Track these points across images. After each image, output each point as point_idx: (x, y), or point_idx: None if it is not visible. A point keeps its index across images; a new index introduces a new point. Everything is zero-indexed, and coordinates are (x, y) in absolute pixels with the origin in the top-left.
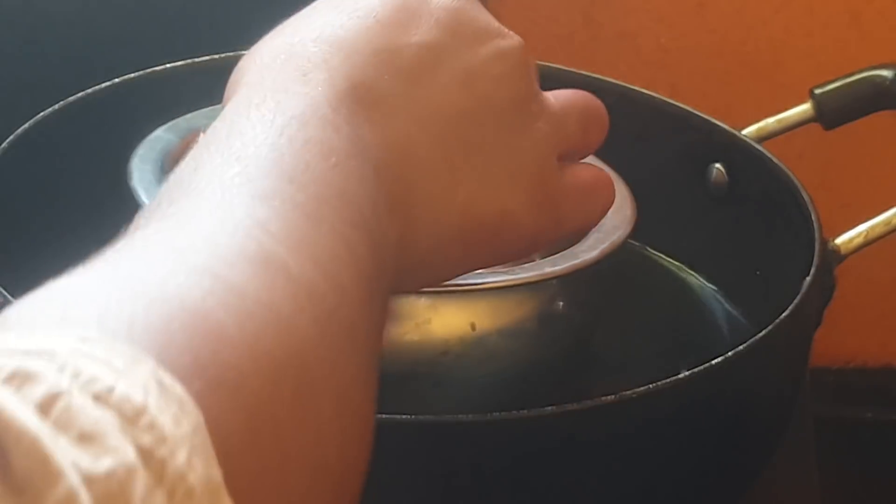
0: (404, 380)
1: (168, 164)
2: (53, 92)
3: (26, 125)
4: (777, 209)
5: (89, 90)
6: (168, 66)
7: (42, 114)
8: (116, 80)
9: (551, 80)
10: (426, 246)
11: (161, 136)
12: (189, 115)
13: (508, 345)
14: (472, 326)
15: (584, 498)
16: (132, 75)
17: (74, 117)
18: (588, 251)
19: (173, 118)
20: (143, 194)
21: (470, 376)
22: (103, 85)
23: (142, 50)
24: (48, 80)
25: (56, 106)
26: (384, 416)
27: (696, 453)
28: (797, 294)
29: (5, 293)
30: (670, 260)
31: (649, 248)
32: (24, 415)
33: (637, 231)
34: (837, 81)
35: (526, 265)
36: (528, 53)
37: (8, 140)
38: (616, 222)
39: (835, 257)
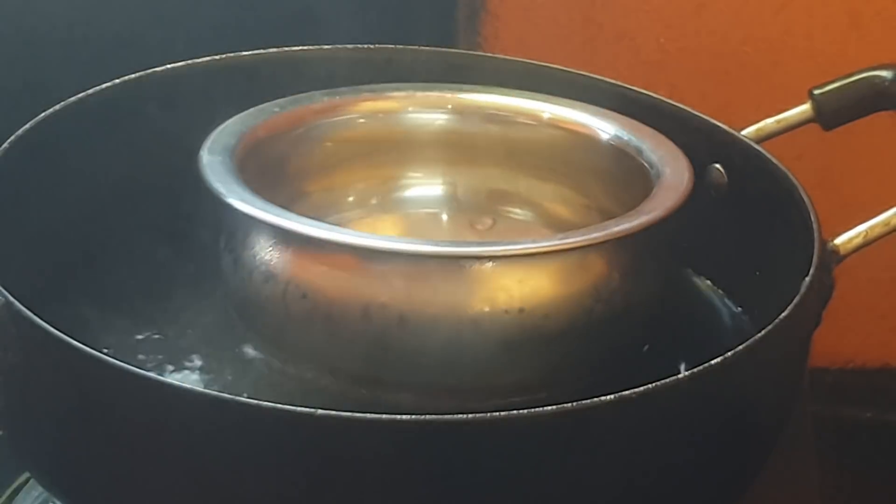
0: (566, 333)
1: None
2: (53, 92)
3: (26, 126)
4: (776, 209)
5: (89, 90)
6: (168, 66)
7: (42, 114)
8: (116, 80)
9: (551, 80)
10: None
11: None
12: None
13: (640, 283)
14: (612, 274)
15: (584, 498)
16: (132, 75)
17: (74, 117)
18: (676, 187)
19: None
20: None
21: (617, 316)
22: (103, 85)
23: (142, 50)
24: (48, 80)
25: (56, 106)
26: (384, 416)
27: (696, 453)
28: (796, 294)
29: (5, 293)
30: None
31: None
32: None
33: None
34: (837, 82)
35: (622, 219)
36: None
37: (8, 140)
38: (672, 153)
39: (834, 257)
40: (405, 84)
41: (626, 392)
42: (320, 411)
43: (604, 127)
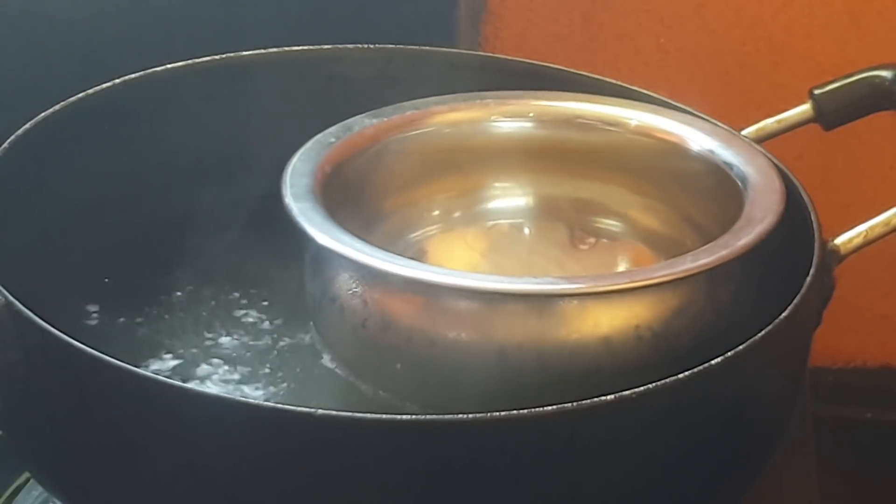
0: (695, 350)
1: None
2: (53, 92)
3: (26, 125)
4: None
5: (89, 90)
6: (168, 66)
7: (42, 114)
8: (116, 80)
9: (551, 80)
10: None
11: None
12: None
13: (750, 289)
14: (730, 287)
15: (584, 498)
16: (132, 75)
17: (74, 117)
18: (772, 190)
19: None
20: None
21: (734, 325)
22: (103, 85)
23: (142, 50)
24: (48, 80)
25: (56, 106)
26: (384, 416)
27: (696, 453)
28: (797, 294)
29: (5, 293)
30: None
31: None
32: None
33: None
34: (837, 82)
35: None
36: None
37: (8, 140)
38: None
39: (834, 257)
40: (485, 93)
41: (626, 392)
42: (320, 411)
43: (690, 134)
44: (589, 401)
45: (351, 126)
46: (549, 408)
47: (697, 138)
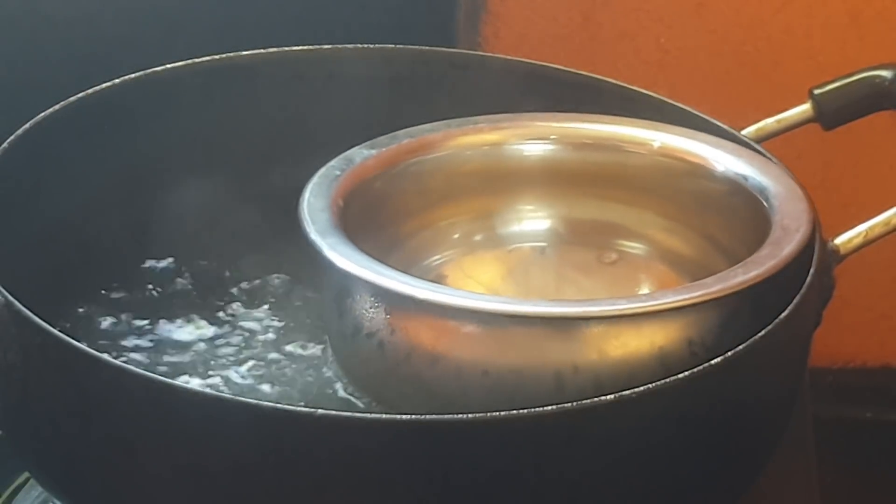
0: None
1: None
2: (53, 92)
3: (26, 125)
4: None
5: (89, 90)
6: (168, 66)
7: (42, 114)
8: (116, 80)
9: (551, 80)
10: None
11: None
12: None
13: (782, 297)
14: (769, 300)
15: (584, 498)
16: (132, 75)
17: (74, 117)
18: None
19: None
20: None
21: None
22: (103, 85)
23: (142, 50)
24: (48, 80)
25: (56, 106)
26: (384, 416)
27: (695, 453)
28: (797, 294)
29: (5, 293)
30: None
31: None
32: None
33: None
34: (837, 82)
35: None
36: None
37: (8, 140)
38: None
39: (834, 257)
40: (478, 117)
41: (626, 391)
42: (320, 411)
43: (711, 154)
44: (589, 401)
45: (352, 158)
46: (549, 408)
47: (718, 157)
